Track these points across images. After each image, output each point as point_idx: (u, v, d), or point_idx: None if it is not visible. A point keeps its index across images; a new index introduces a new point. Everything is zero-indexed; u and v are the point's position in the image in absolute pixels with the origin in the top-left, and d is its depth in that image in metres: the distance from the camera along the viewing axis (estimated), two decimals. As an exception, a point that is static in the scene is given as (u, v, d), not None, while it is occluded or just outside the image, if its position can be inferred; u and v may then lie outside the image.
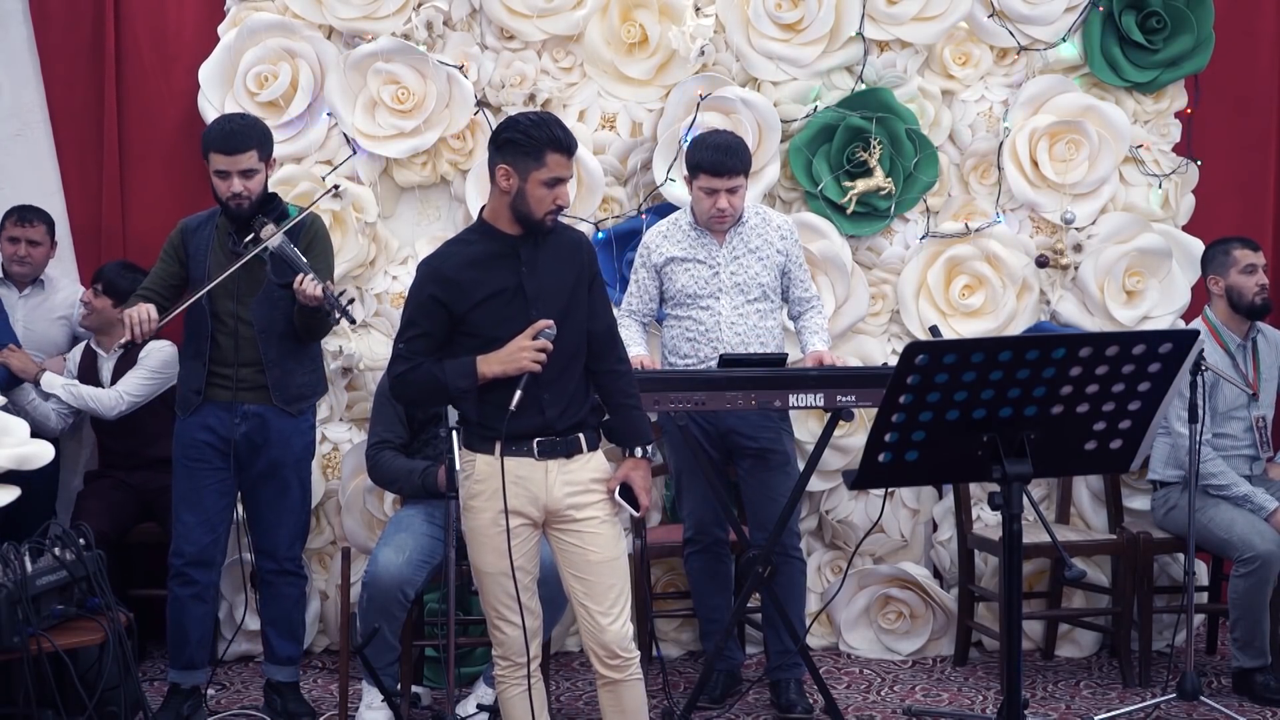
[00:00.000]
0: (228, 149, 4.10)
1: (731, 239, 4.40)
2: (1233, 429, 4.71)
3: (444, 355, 3.40)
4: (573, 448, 3.44)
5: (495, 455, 3.38)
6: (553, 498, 3.41)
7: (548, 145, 3.35)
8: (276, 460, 4.28)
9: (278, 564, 4.36)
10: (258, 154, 4.13)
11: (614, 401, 3.51)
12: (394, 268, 5.10)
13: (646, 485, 3.49)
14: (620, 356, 3.55)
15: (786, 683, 4.43)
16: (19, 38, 5.24)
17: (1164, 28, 5.07)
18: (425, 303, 3.40)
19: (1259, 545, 4.42)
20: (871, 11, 5.02)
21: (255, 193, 4.14)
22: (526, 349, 3.32)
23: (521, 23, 5.00)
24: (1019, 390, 2.69)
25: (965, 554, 4.89)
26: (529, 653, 3.48)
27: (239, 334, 4.19)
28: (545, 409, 3.39)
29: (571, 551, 3.45)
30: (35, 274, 5.07)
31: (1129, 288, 5.09)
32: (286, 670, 4.42)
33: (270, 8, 5.06)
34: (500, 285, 3.38)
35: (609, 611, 3.43)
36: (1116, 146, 5.05)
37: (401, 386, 3.46)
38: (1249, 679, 4.52)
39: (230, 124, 4.17)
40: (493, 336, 3.36)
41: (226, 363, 4.21)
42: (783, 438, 4.43)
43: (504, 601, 3.42)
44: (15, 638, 3.55)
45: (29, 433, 4.16)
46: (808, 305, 4.50)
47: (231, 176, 4.10)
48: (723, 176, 4.27)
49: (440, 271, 3.41)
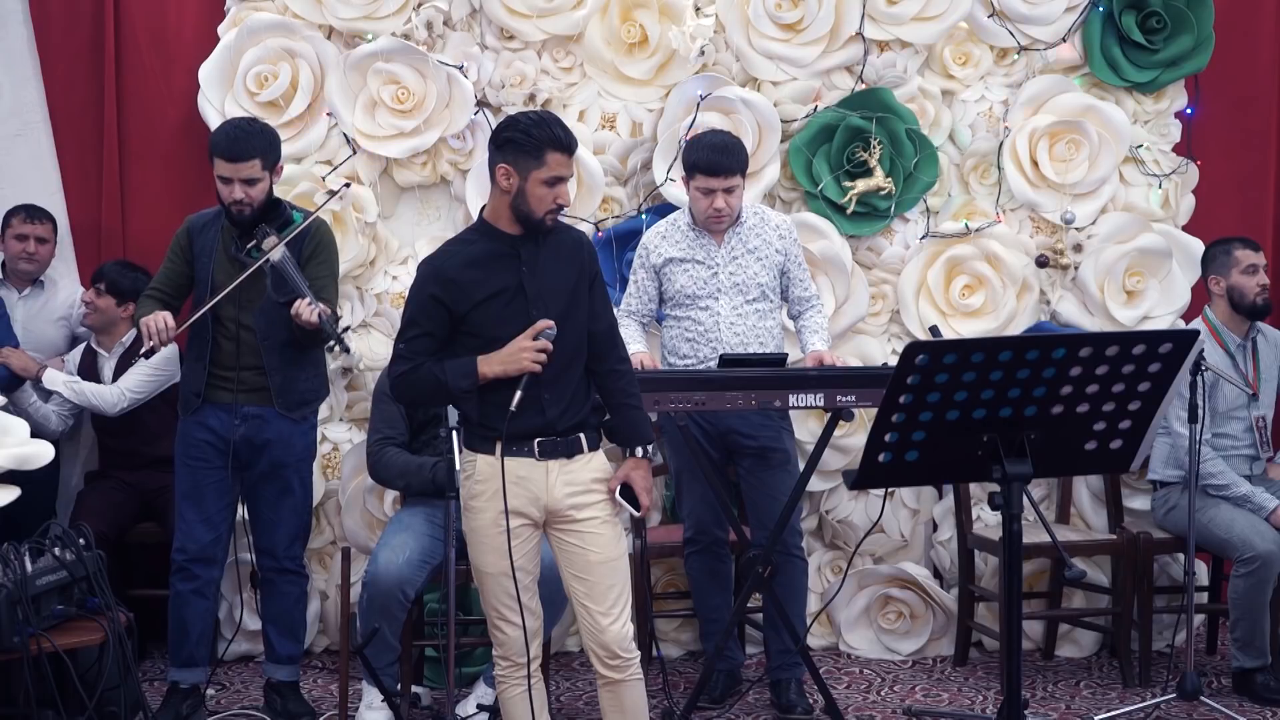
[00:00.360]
0: (231, 155, 4.09)
1: (730, 239, 4.39)
2: (1232, 429, 4.71)
3: (446, 355, 3.40)
4: (574, 448, 3.43)
5: (496, 455, 3.37)
6: (553, 498, 3.41)
7: (548, 144, 3.35)
8: (278, 461, 4.28)
9: (278, 562, 4.35)
10: (261, 163, 4.10)
11: (614, 401, 3.51)
12: (394, 268, 5.10)
13: (647, 485, 3.49)
14: (621, 356, 3.55)
15: (787, 683, 4.43)
16: (19, 38, 5.24)
17: (1164, 28, 5.07)
18: (426, 303, 3.39)
19: (1259, 545, 4.42)
20: (871, 11, 5.02)
21: (257, 200, 4.13)
22: (527, 349, 3.32)
23: (521, 23, 5.00)
24: (1019, 390, 2.70)
25: (965, 554, 4.89)
26: (529, 653, 3.48)
27: (240, 339, 4.19)
28: (546, 409, 3.38)
29: (572, 552, 3.45)
30: (40, 272, 5.07)
31: (1129, 288, 5.09)
32: (286, 669, 4.42)
33: (270, 8, 5.06)
34: (501, 285, 3.38)
35: (609, 612, 3.43)
36: (1116, 146, 5.05)
37: (403, 386, 3.45)
38: (1249, 679, 4.52)
39: (237, 130, 4.15)
40: (493, 336, 3.36)
41: (228, 365, 4.21)
42: (783, 436, 4.43)
43: (504, 602, 3.42)
44: (15, 638, 3.55)
45: (29, 433, 4.16)
46: (807, 305, 4.49)
47: (234, 183, 4.10)
48: (718, 176, 4.27)
49: (441, 271, 3.40)
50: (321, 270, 4.21)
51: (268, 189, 4.17)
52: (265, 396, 4.23)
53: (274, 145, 4.18)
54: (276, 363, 4.20)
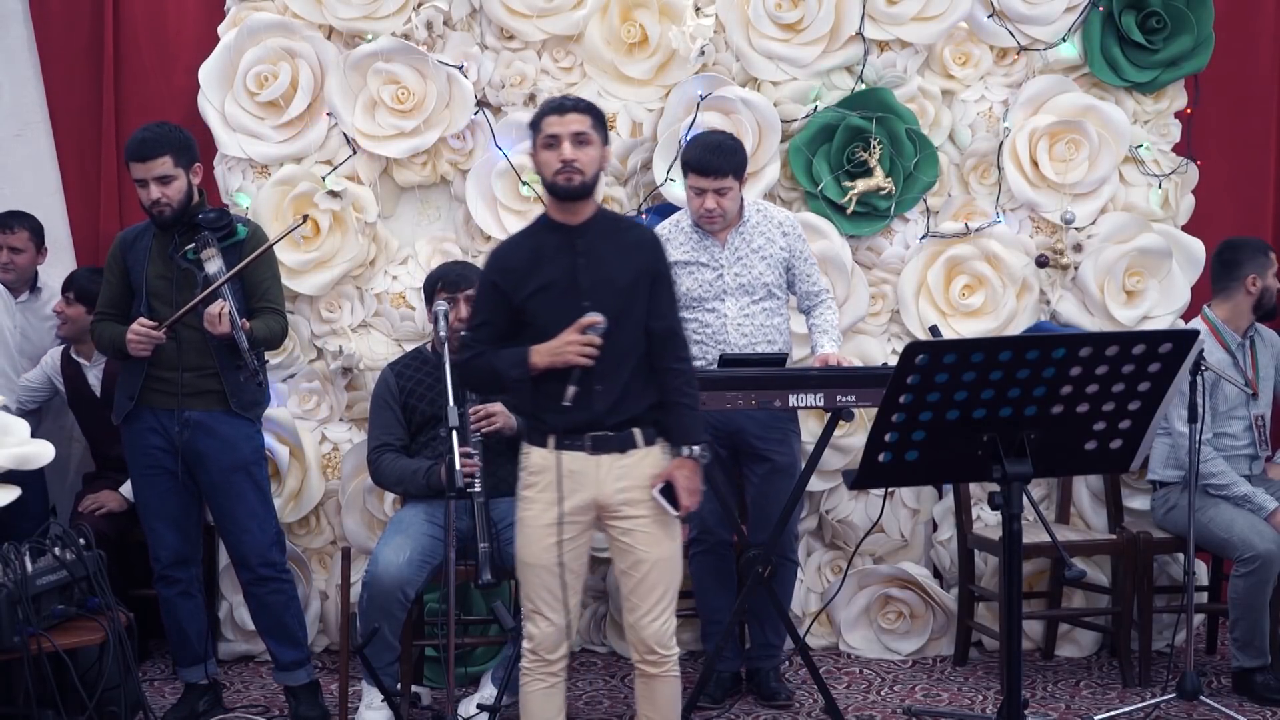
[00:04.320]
0: (140, 156, 4.06)
1: (733, 239, 4.40)
2: (1232, 428, 4.71)
3: (508, 345, 3.43)
4: (627, 442, 3.42)
5: (549, 449, 3.39)
6: (604, 492, 3.40)
7: (542, 114, 3.44)
8: (225, 466, 4.17)
9: (253, 572, 4.26)
10: (172, 160, 4.06)
11: (668, 399, 3.47)
12: (394, 268, 5.10)
13: (690, 486, 3.43)
14: (680, 355, 3.51)
15: (766, 671, 4.52)
16: (19, 38, 5.24)
17: (1164, 28, 5.06)
18: (487, 289, 3.47)
19: (1259, 545, 4.42)
20: (871, 11, 5.02)
21: (176, 199, 4.08)
22: (573, 343, 3.33)
23: (521, 23, 5.00)
24: (1019, 390, 2.70)
25: (965, 554, 4.89)
26: (560, 650, 3.45)
27: (181, 337, 4.10)
28: (594, 403, 3.37)
29: (621, 547, 3.45)
30: (20, 281, 5.02)
31: (1129, 288, 5.09)
32: (295, 674, 4.35)
33: (270, 8, 5.05)
34: (554, 276, 3.40)
35: (651, 610, 3.43)
36: (1116, 146, 5.05)
37: (463, 373, 3.55)
38: (1249, 679, 4.52)
39: (144, 132, 4.13)
40: (546, 327, 3.37)
41: (170, 366, 4.12)
42: (790, 440, 4.44)
43: (542, 596, 3.41)
44: (15, 638, 3.55)
45: (29, 432, 4.16)
46: (817, 300, 4.50)
47: (149, 184, 4.05)
48: (709, 177, 4.27)
49: (501, 260, 3.48)
50: (264, 273, 4.18)
51: (185, 188, 4.11)
52: (211, 400, 4.14)
53: (186, 145, 4.14)
54: (228, 362, 4.11)
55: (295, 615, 4.38)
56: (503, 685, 3.95)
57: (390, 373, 4.47)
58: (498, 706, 3.87)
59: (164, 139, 4.08)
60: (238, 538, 4.25)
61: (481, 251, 5.04)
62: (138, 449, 4.20)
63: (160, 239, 4.15)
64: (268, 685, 4.70)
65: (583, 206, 3.44)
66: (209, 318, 3.97)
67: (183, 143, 4.13)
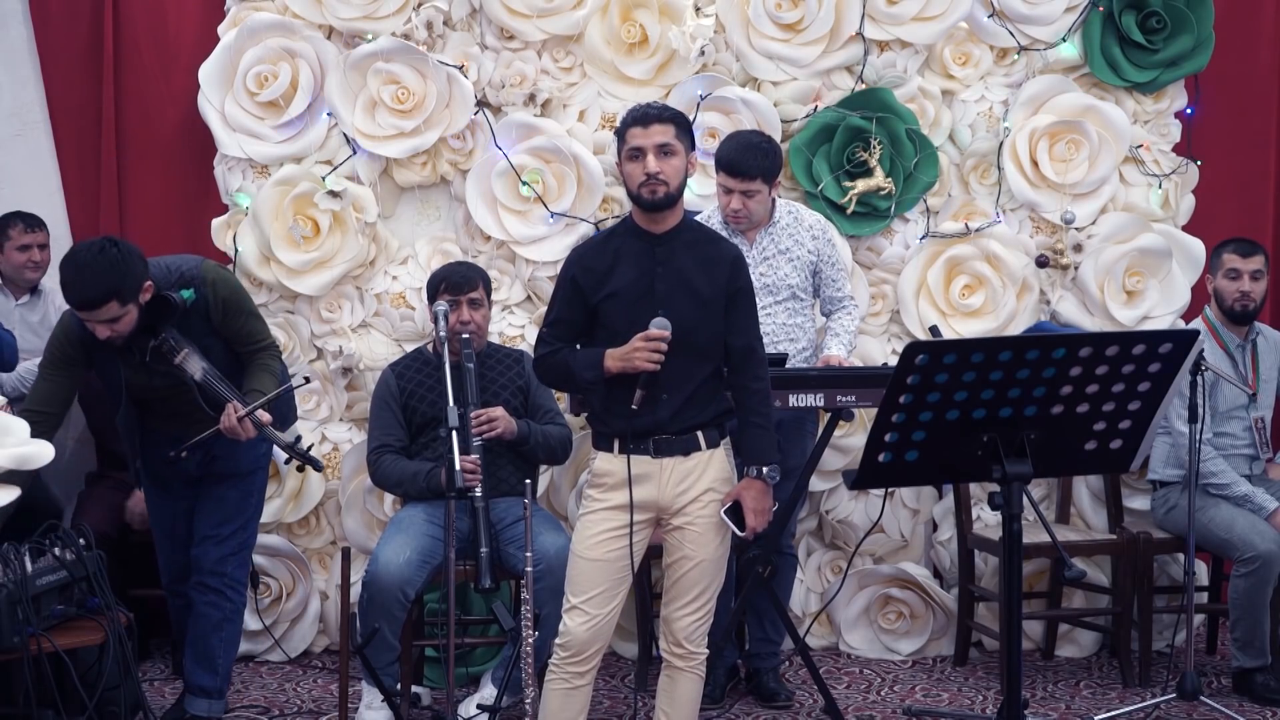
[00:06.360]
0: (82, 305, 3.72)
1: (761, 239, 4.39)
2: (1232, 429, 4.71)
3: (584, 345, 3.47)
4: (690, 445, 3.44)
5: (614, 453, 3.43)
6: (665, 495, 3.43)
7: (626, 125, 3.45)
8: (219, 473, 4.14)
9: (200, 577, 4.12)
10: (118, 303, 3.70)
11: (742, 418, 3.50)
12: (394, 268, 5.10)
13: (758, 507, 3.43)
14: (757, 375, 3.51)
15: (765, 672, 4.52)
16: (19, 38, 5.24)
17: (1164, 28, 5.06)
18: (566, 285, 3.49)
19: (1259, 545, 4.42)
20: (871, 11, 5.02)
21: (127, 331, 3.78)
22: (641, 349, 3.35)
23: (521, 23, 5.00)
24: (1019, 390, 2.70)
25: (965, 554, 4.89)
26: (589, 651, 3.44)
27: (177, 410, 3.94)
28: (658, 409, 3.40)
29: (671, 545, 3.49)
30: (43, 278, 5.06)
31: (1129, 288, 5.09)
32: (200, 703, 4.13)
33: (270, 8, 5.06)
34: (630, 280, 3.42)
35: (687, 605, 3.48)
36: (1116, 146, 5.05)
37: (541, 369, 3.58)
38: (1249, 679, 4.52)
39: (78, 274, 3.69)
40: (619, 330, 3.40)
41: (165, 418, 4.02)
42: (802, 440, 4.44)
43: (586, 589, 3.42)
44: (15, 638, 3.55)
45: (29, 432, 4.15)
46: (838, 305, 4.51)
47: (95, 325, 3.77)
48: (737, 177, 4.26)
49: (583, 258, 3.51)
50: (237, 320, 3.98)
51: (137, 316, 3.78)
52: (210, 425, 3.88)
53: (126, 278, 3.69)
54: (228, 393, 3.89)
55: (225, 641, 4.16)
56: (503, 685, 3.95)
57: (391, 373, 4.47)
58: (498, 707, 3.87)
59: (102, 283, 3.67)
60: (201, 535, 4.15)
61: (482, 251, 5.05)
62: (151, 470, 4.19)
63: (120, 348, 3.89)
64: (268, 685, 4.70)
65: (667, 216, 3.45)
66: (230, 433, 3.80)
67: (122, 279, 3.69)
